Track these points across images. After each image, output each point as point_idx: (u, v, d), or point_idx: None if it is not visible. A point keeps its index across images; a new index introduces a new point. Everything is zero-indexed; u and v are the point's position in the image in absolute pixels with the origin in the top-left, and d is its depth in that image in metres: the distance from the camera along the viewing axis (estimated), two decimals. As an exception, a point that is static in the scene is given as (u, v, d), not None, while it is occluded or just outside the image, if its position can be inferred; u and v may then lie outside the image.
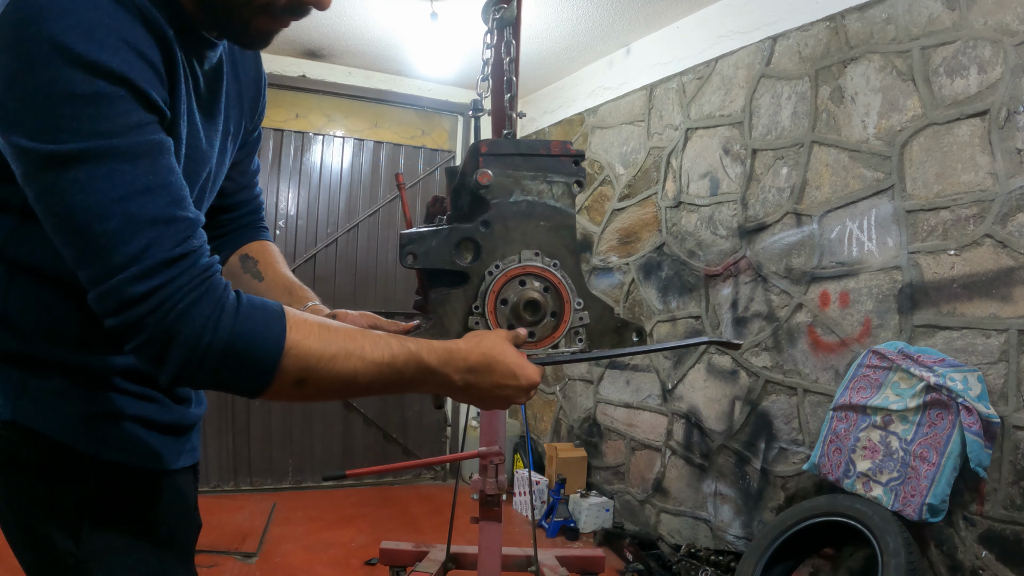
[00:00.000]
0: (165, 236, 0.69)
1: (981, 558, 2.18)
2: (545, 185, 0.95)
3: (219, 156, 1.01)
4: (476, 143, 0.96)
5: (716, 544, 3.24)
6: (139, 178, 0.69)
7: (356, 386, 0.79)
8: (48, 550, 0.86)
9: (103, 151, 0.67)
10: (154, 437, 0.93)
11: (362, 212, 4.92)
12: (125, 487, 0.90)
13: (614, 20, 3.73)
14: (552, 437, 4.67)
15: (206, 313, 0.70)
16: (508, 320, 0.93)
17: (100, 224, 0.67)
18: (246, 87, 1.09)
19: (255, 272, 1.18)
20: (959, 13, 2.34)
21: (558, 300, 0.94)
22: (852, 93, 2.71)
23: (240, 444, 4.59)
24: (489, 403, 0.90)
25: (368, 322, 1.05)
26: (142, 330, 0.69)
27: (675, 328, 3.60)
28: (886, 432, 2.32)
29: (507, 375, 0.87)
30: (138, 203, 0.68)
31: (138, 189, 0.69)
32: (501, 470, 2.29)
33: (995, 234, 2.21)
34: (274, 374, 0.73)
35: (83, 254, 0.69)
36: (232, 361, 0.71)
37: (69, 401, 0.86)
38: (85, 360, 0.87)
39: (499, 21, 1.11)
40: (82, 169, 0.67)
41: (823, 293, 2.79)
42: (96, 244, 0.67)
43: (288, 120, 4.72)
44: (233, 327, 0.71)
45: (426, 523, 4.08)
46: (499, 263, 0.93)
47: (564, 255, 0.95)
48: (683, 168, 3.59)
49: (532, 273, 0.93)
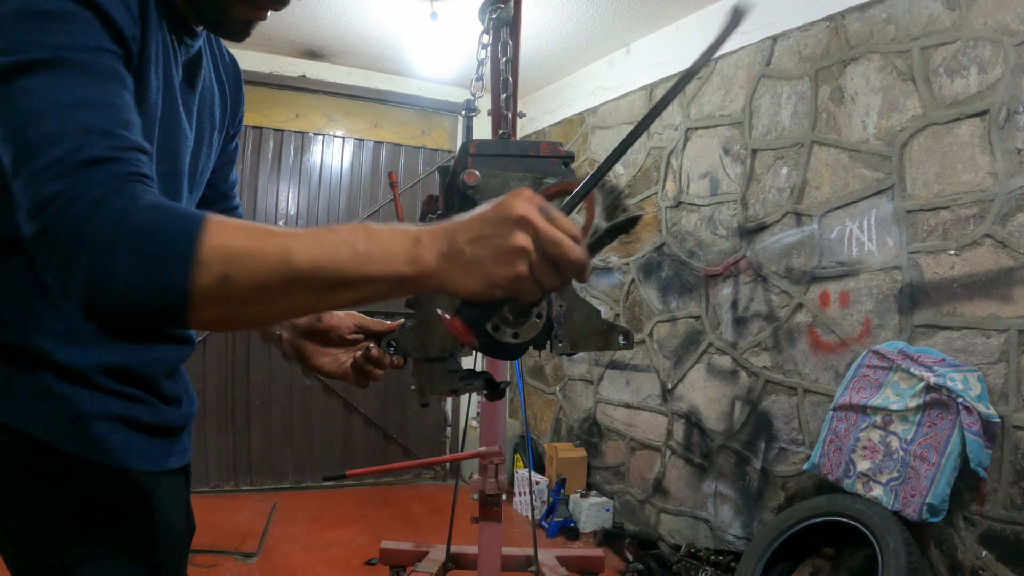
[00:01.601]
0: (96, 143, 0.65)
1: (981, 558, 2.18)
2: (534, 186, 0.95)
3: (200, 143, 1.01)
4: (465, 143, 0.95)
5: (716, 544, 3.24)
6: (85, 91, 0.67)
7: (295, 272, 0.64)
8: (33, 555, 0.85)
9: (57, 62, 0.67)
10: (141, 439, 0.93)
11: (362, 212, 4.92)
12: (112, 490, 0.89)
13: (614, 20, 3.73)
14: (552, 437, 4.67)
15: (116, 208, 0.62)
16: (493, 321, 0.92)
17: (36, 128, 0.65)
18: (229, 91, 1.11)
19: None
20: (959, 13, 2.34)
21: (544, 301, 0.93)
22: (852, 93, 2.71)
23: (240, 444, 4.59)
24: (470, 268, 0.65)
25: (354, 321, 1.05)
26: (50, 233, 0.62)
27: (675, 328, 3.60)
28: (886, 432, 2.32)
29: (483, 214, 0.66)
30: (78, 112, 0.66)
31: (81, 100, 0.67)
32: (501, 470, 2.29)
33: (995, 234, 2.21)
34: (189, 267, 0.61)
35: (14, 161, 0.65)
36: (143, 258, 0.61)
37: (56, 401, 0.85)
38: (70, 356, 0.86)
39: (495, 21, 1.11)
40: (34, 77, 0.66)
41: (823, 293, 2.79)
42: (28, 148, 0.64)
43: (288, 120, 4.72)
44: (145, 220, 0.62)
45: (426, 523, 4.08)
46: None
47: None
48: (683, 168, 3.59)
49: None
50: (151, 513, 0.93)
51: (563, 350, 0.95)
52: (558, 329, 0.94)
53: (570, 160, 0.97)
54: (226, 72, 1.10)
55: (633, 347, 1.01)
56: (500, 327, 0.91)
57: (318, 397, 4.79)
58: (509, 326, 0.91)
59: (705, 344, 3.40)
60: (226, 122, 1.11)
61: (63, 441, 0.85)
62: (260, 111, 4.59)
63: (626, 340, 0.98)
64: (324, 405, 4.81)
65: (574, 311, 0.96)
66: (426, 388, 0.95)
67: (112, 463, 0.88)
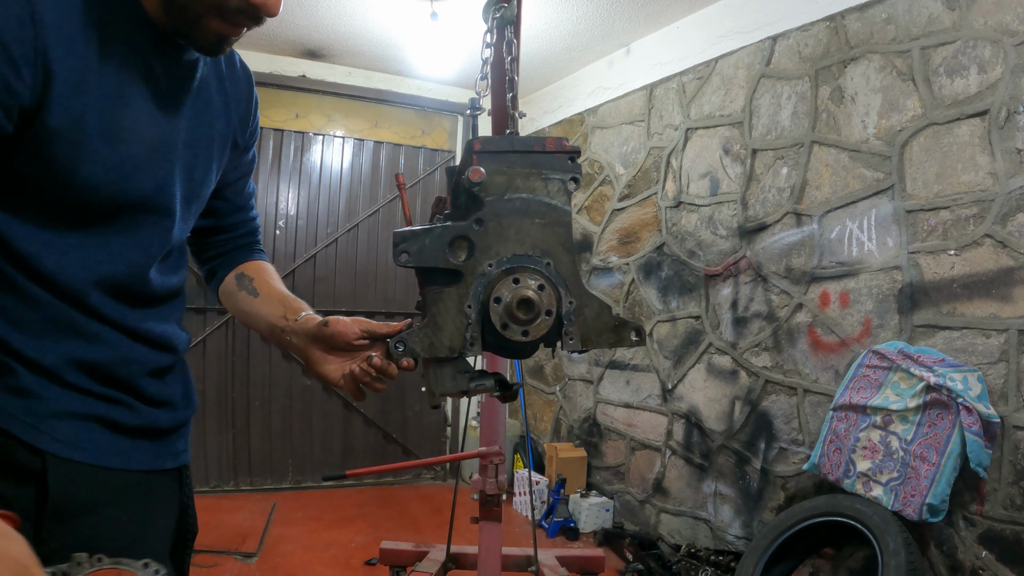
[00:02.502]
0: None
1: (981, 558, 2.18)
2: (540, 182, 0.94)
3: (196, 155, 1.00)
4: (470, 141, 0.94)
5: (716, 544, 3.24)
6: None
7: None
8: None
9: None
10: (121, 439, 0.92)
11: (362, 212, 4.92)
12: (87, 486, 0.88)
13: (614, 20, 3.73)
14: (552, 437, 4.67)
15: None
16: (502, 319, 0.92)
17: None
18: (235, 102, 1.09)
19: (250, 289, 1.18)
20: (959, 13, 2.34)
21: (553, 298, 0.93)
22: (852, 93, 2.71)
23: (240, 444, 4.59)
24: None
25: (360, 327, 1.04)
26: None
27: (675, 328, 3.60)
28: (886, 432, 2.32)
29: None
30: None
31: None
32: (501, 470, 2.29)
33: (995, 234, 2.21)
34: None
35: None
36: None
37: (30, 399, 0.85)
38: (40, 351, 0.85)
39: (499, 20, 1.10)
40: None
41: (823, 293, 2.79)
42: None
43: (288, 120, 4.72)
44: None
45: (426, 523, 4.08)
46: (491, 263, 0.93)
47: (559, 252, 0.94)
48: (683, 168, 3.59)
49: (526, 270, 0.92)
50: (131, 511, 0.92)
51: (575, 347, 0.94)
52: (568, 326, 0.93)
53: (576, 155, 0.96)
54: (233, 80, 1.08)
55: (645, 343, 1.00)
56: (509, 325, 0.91)
57: (318, 397, 4.79)
58: (518, 324, 0.90)
59: (705, 344, 3.40)
60: (232, 133, 1.10)
61: (38, 438, 0.85)
62: (260, 111, 4.56)
63: (638, 336, 0.97)
64: (324, 405, 4.81)
65: (584, 307, 0.94)
66: (436, 389, 0.94)
67: (88, 460, 0.88)
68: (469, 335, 0.92)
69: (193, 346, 4.46)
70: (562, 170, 0.95)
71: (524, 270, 0.92)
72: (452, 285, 0.93)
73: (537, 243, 0.93)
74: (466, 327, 0.92)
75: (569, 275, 0.94)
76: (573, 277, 0.94)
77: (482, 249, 0.92)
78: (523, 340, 0.91)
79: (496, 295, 0.91)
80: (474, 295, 0.92)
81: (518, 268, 0.92)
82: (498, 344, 0.92)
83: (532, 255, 0.93)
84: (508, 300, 0.90)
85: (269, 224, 4.67)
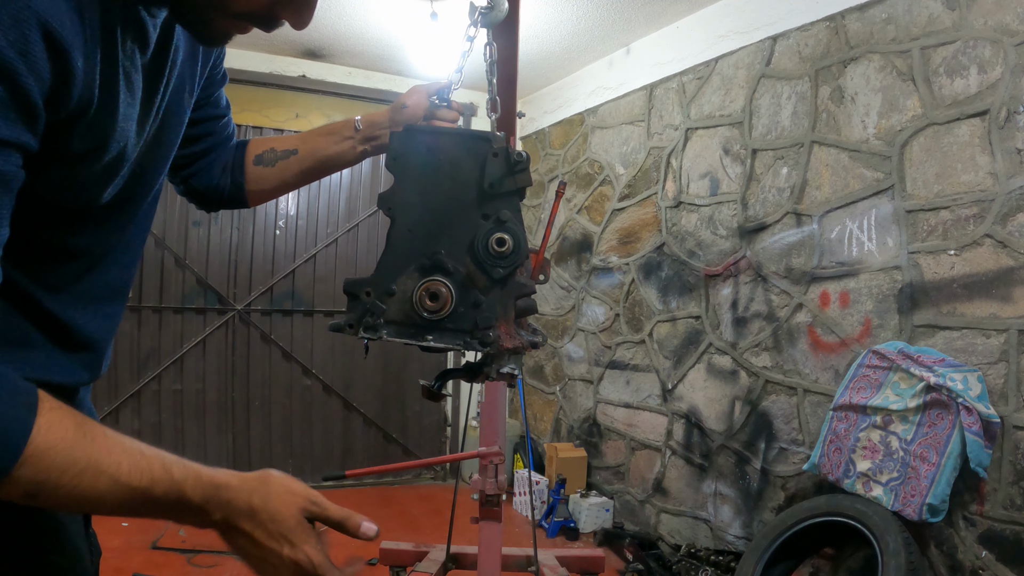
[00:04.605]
0: None
1: (981, 558, 2.18)
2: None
3: (167, 129, 0.94)
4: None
5: (716, 544, 3.24)
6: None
7: (102, 508, 0.67)
8: None
9: None
10: None
11: (362, 212, 4.92)
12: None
13: (614, 20, 3.73)
14: (552, 437, 4.67)
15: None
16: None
17: None
18: (205, 52, 1.02)
19: (282, 154, 1.21)
20: (959, 13, 2.34)
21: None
22: (852, 93, 2.71)
23: (240, 444, 4.59)
24: (253, 562, 0.74)
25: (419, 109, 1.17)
26: None
27: (675, 328, 3.60)
28: (886, 432, 2.32)
29: (274, 536, 0.73)
30: None
31: None
32: (501, 470, 2.28)
33: (995, 234, 2.21)
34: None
35: None
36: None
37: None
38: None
39: (482, 20, 1.11)
40: None
41: (823, 293, 2.79)
42: None
43: (288, 120, 4.72)
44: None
45: (426, 523, 4.08)
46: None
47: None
48: (683, 168, 3.59)
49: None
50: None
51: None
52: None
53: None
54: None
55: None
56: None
57: (318, 397, 4.79)
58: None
59: (705, 344, 3.40)
60: (201, 68, 1.01)
61: None
62: (260, 111, 4.59)
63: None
64: (324, 405, 4.81)
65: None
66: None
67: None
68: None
69: (193, 346, 4.46)
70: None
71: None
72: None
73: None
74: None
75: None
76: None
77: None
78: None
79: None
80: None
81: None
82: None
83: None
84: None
85: (269, 224, 4.67)
